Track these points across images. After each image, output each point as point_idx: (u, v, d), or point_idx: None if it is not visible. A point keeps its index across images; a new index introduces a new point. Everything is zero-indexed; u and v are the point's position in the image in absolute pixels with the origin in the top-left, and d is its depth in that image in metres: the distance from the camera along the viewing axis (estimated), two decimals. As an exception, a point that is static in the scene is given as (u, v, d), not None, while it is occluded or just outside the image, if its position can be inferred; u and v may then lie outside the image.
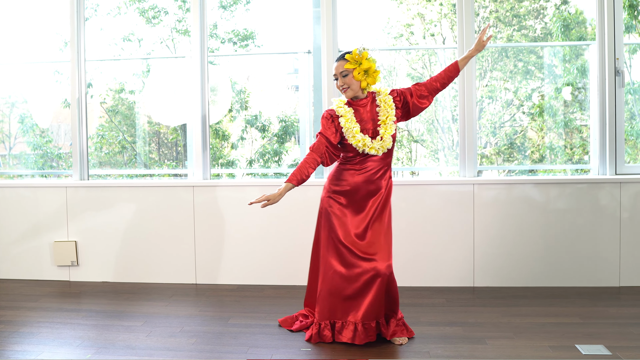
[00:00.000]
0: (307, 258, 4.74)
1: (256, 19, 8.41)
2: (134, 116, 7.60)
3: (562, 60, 7.11)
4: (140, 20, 8.27)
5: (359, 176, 3.99)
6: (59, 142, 7.44)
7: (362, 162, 3.99)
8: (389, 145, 3.93)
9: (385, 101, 3.98)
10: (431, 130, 8.90)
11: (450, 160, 8.18)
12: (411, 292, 5.22)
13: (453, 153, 8.68)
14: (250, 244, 5.60)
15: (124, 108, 7.75)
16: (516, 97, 7.84)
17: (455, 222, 5.39)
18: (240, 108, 8.06)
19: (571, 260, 5.30)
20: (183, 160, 7.81)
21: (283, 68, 8.11)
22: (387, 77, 8.24)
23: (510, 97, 7.76)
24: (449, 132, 8.79)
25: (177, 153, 8.13)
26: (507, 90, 7.74)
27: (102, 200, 5.80)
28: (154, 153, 7.92)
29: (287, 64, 8.24)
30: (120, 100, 7.82)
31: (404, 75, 8.36)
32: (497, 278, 5.37)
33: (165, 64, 7.13)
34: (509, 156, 7.69)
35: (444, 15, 9.84)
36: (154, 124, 7.57)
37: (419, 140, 8.26)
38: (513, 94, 7.91)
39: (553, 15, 7.79)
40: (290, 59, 8.47)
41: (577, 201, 5.29)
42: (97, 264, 5.83)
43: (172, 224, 5.71)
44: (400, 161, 8.03)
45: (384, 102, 3.98)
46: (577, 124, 7.00)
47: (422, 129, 8.70)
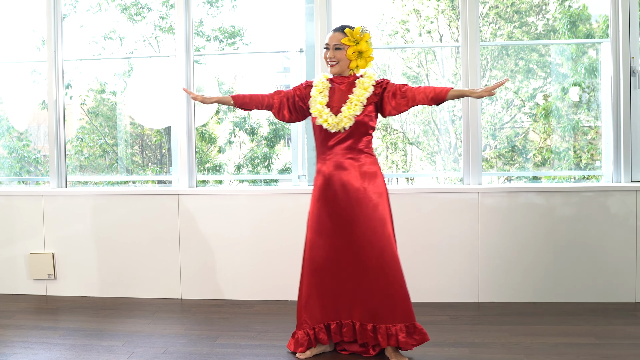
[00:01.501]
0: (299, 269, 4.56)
1: (244, 15, 8.22)
2: (116, 118, 7.41)
3: (569, 59, 6.94)
4: (122, 18, 8.09)
5: (327, 161, 3.86)
6: (38, 144, 7.25)
7: (325, 142, 3.86)
8: (344, 125, 3.75)
9: (362, 84, 3.82)
10: (427, 132, 8.74)
11: (448, 164, 8.00)
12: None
13: (451, 156, 8.53)
14: (239, 255, 5.38)
15: (105, 109, 7.56)
16: (517, 97, 7.68)
17: (459, 233, 5.18)
18: (228, 110, 7.89)
19: (583, 275, 5.09)
20: (167, 165, 7.61)
21: (273, 67, 7.93)
22: (382, 76, 8.07)
23: (510, 97, 7.60)
24: (446, 134, 8.64)
25: (161, 156, 7.93)
26: (508, 90, 7.58)
27: (81, 209, 5.57)
28: (137, 156, 7.72)
29: (277, 63, 8.07)
30: (101, 101, 7.62)
31: (399, 75, 8.19)
32: (504, 293, 5.16)
33: (149, 63, 6.93)
34: (509, 159, 7.54)
35: (441, 11, 9.68)
36: (136, 126, 7.38)
37: (415, 142, 8.08)
38: (514, 94, 7.76)
39: (557, 12, 7.65)
40: (280, 57, 8.30)
41: (590, 210, 5.08)
42: (76, 277, 5.60)
43: (156, 235, 5.48)
44: (395, 164, 7.86)
45: (361, 84, 3.81)
46: (585, 127, 6.84)
47: (418, 130, 8.54)
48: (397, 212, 5.14)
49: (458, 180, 5.73)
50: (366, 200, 3.76)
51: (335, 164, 3.81)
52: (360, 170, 3.80)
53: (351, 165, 3.80)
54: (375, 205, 3.76)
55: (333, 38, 3.80)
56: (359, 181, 3.78)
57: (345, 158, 3.81)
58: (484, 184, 5.33)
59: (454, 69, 8.83)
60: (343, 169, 3.80)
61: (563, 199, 5.11)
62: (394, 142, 7.78)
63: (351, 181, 3.78)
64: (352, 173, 3.79)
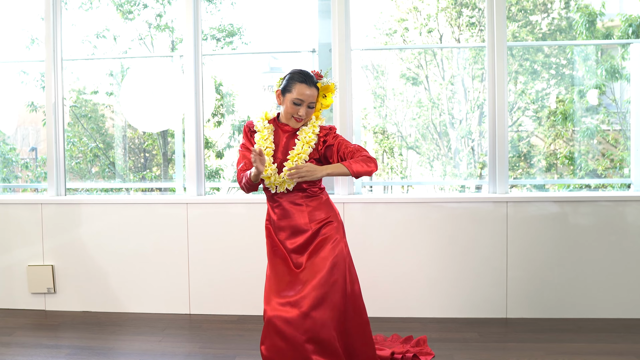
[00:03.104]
0: None
1: (244, 13, 8.08)
2: (109, 121, 7.26)
3: (586, 60, 6.84)
4: (116, 16, 7.94)
5: (276, 209, 3.59)
6: (25, 148, 7.11)
7: (271, 192, 3.58)
8: (288, 186, 3.49)
9: (306, 135, 3.52)
10: (426, 135, 8.62)
11: (448, 170, 7.89)
12: (437, 324, 4.88)
13: (451, 162, 8.41)
14: (252, 267, 5.20)
15: (95, 112, 7.41)
16: (525, 99, 7.58)
17: (485, 245, 5.05)
18: (226, 112, 7.74)
19: (617, 289, 4.98)
20: (163, 171, 7.46)
21: (259, 67, 7.80)
22: (379, 78, 7.95)
23: (512, 98, 7.50)
24: (445, 137, 8.52)
25: (146, 161, 7.77)
26: (512, 93, 7.49)
27: (82, 218, 5.40)
28: (130, 162, 7.57)
29: (263, 63, 7.94)
30: (93, 103, 7.47)
31: (398, 76, 8.07)
32: (533, 309, 5.03)
33: (145, 64, 6.77)
34: (514, 165, 7.45)
35: (441, 9, 9.57)
36: (127, 129, 7.23)
37: (413, 147, 7.97)
38: (518, 95, 7.66)
39: (574, 11, 7.55)
40: (267, 57, 8.15)
41: (626, 221, 4.96)
42: (77, 291, 5.42)
43: (162, 246, 5.32)
44: (393, 170, 7.73)
45: (304, 136, 3.51)
46: (605, 131, 6.75)
47: (416, 134, 8.42)
48: (418, 223, 5.03)
49: (466, 188, 5.59)
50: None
51: (280, 214, 3.58)
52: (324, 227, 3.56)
53: (305, 213, 3.55)
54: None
55: (311, 95, 3.47)
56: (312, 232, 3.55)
57: (295, 206, 3.56)
58: (515, 193, 5.20)
59: (455, 70, 8.72)
60: (289, 218, 3.57)
61: (600, 209, 4.98)
62: (390, 147, 7.64)
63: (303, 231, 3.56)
64: (302, 220, 3.55)
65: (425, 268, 5.06)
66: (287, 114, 3.51)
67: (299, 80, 3.47)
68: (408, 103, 8.14)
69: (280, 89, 3.54)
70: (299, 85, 3.46)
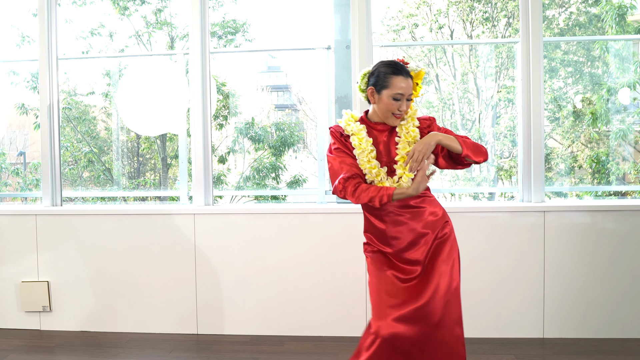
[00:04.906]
0: (337, 300, 4.54)
1: (250, 8, 7.89)
2: (100, 124, 7.04)
3: (616, 56, 6.61)
4: (112, 12, 7.75)
5: (385, 217, 3.26)
6: (13, 152, 6.89)
7: None
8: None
9: (408, 131, 3.20)
10: (436, 137, 8.39)
11: (460, 174, 7.64)
12: (470, 344, 4.57)
13: None
14: (265, 284, 4.96)
15: (86, 114, 7.20)
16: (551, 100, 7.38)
17: (520, 259, 4.77)
18: (229, 114, 7.53)
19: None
20: (162, 177, 7.26)
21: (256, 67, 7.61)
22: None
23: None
24: None
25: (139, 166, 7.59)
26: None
27: (80, 231, 5.14)
28: (126, 168, 7.36)
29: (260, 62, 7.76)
30: (84, 105, 7.26)
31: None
32: (573, 328, 4.76)
33: (143, 63, 6.49)
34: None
35: (452, 3, 9.34)
36: (125, 134, 7.01)
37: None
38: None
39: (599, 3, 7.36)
40: (265, 56, 7.96)
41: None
42: (75, 309, 5.15)
43: (167, 261, 5.06)
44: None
45: (407, 132, 3.20)
46: (637, 131, 6.53)
47: None
48: None
49: (480, 194, 5.33)
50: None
51: (392, 221, 3.27)
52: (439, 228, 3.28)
53: (415, 217, 3.25)
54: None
55: (408, 87, 3.14)
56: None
57: (405, 211, 3.25)
58: (554, 202, 4.92)
59: (467, 68, 8.50)
60: (401, 224, 3.26)
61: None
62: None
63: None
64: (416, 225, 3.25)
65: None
66: (386, 111, 3.18)
67: (394, 73, 3.15)
68: (417, 103, 7.90)
69: (373, 85, 3.21)
70: (395, 79, 3.14)
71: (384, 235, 3.23)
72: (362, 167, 3.15)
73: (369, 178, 3.14)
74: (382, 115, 3.21)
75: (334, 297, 4.85)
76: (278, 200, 6.95)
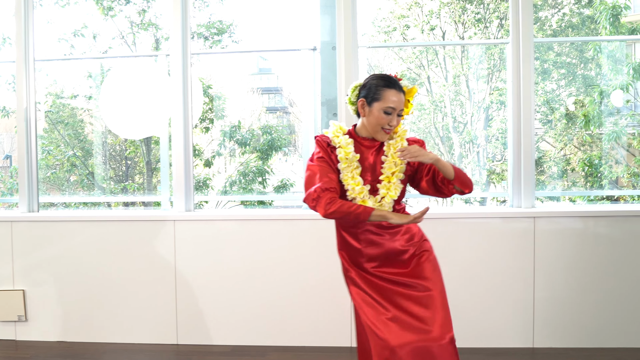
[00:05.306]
0: (322, 310, 4.48)
1: (236, 9, 7.82)
2: (83, 127, 6.94)
3: (609, 58, 6.54)
4: (95, 12, 7.66)
5: (361, 236, 3.16)
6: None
7: None
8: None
9: (396, 150, 3.10)
10: (427, 140, 8.32)
11: None
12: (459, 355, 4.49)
13: None
14: (248, 293, 4.85)
15: (74, 117, 7.10)
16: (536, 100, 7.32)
17: (509, 266, 4.68)
18: (215, 117, 7.45)
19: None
20: (147, 181, 7.17)
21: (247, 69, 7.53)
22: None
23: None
24: (448, 142, 8.22)
25: (127, 169, 7.51)
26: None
27: (57, 238, 5.03)
28: (110, 171, 7.26)
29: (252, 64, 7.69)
30: (71, 108, 7.16)
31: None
32: (563, 338, 4.66)
33: (127, 64, 6.41)
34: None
35: (444, 4, 9.27)
36: (112, 137, 6.91)
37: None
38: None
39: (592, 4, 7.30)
40: (255, 58, 7.89)
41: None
42: (52, 318, 5.04)
43: (147, 268, 4.95)
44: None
45: (394, 150, 3.12)
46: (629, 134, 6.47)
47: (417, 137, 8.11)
48: (433, 242, 4.64)
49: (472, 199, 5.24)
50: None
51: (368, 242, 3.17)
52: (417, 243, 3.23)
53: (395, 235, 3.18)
54: None
55: (400, 102, 3.06)
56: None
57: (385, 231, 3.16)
58: (545, 208, 4.82)
59: (459, 70, 8.42)
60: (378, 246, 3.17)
61: (638, 225, 4.62)
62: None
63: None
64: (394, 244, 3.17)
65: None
66: (376, 125, 3.08)
67: (386, 86, 3.06)
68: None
69: (364, 97, 3.11)
70: (387, 92, 3.04)
71: (359, 254, 3.14)
72: (344, 182, 3.05)
73: (350, 195, 3.04)
74: (371, 130, 3.12)
75: (318, 307, 4.74)
76: (265, 205, 6.86)
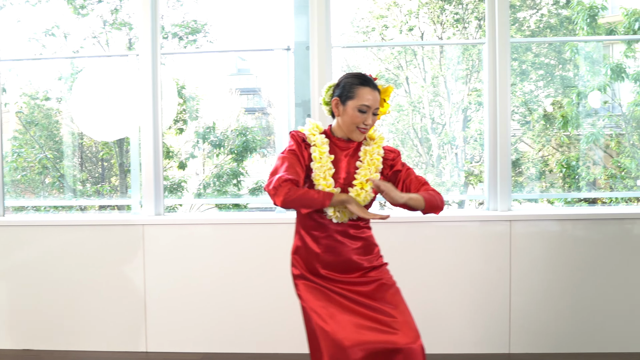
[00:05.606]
0: (295, 317, 3.95)
1: (211, 8, 7.75)
2: (58, 129, 6.82)
3: (586, 59, 6.52)
4: (67, 11, 7.56)
5: (322, 240, 3.07)
6: None
7: (319, 220, 3.05)
8: (352, 216, 3.00)
9: (372, 156, 3.06)
10: (406, 141, 8.28)
11: (430, 179, 7.51)
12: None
13: (434, 170, 8.07)
14: (219, 299, 4.78)
15: (45, 119, 6.98)
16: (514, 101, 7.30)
17: (485, 270, 4.63)
18: (189, 118, 7.36)
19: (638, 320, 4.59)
20: (121, 184, 7.07)
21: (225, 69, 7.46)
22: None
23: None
24: (426, 143, 8.18)
25: (104, 171, 7.40)
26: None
27: (21, 243, 4.95)
28: (84, 174, 7.15)
29: (230, 65, 7.62)
30: (40, 109, 7.05)
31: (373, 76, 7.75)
32: (540, 343, 4.61)
33: (99, 64, 6.29)
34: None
35: (423, 4, 9.24)
36: (79, 137, 6.80)
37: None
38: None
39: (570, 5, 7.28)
40: (234, 58, 7.83)
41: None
42: (16, 326, 4.96)
43: (115, 274, 4.86)
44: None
45: (370, 157, 3.06)
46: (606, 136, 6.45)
47: (395, 140, 8.10)
48: (408, 246, 4.66)
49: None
50: None
51: (326, 247, 3.08)
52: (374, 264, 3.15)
53: (355, 251, 3.09)
54: None
55: (375, 100, 3.00)
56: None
57: (343, 240, 3.07)
58: (522, 211, 4.76)
59: (437, 71, 8.38)
60: (338, 254, 3.08)
61: (614, 227, 4.58)
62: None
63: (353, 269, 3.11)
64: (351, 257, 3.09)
65: (414, 296, 4.56)
66: (351, 124, 3.01)
67: (360, 84, 3.00)
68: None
69: (338, 96, 3.05)
70: (361, 89, 2.99)
71: (316, 259, 3.05)
72: (315, 182, 2.98)
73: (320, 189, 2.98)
74: (346, 129, 3.05)
75: (293, 314, 4.62)
76: (240, 208, 6.77)
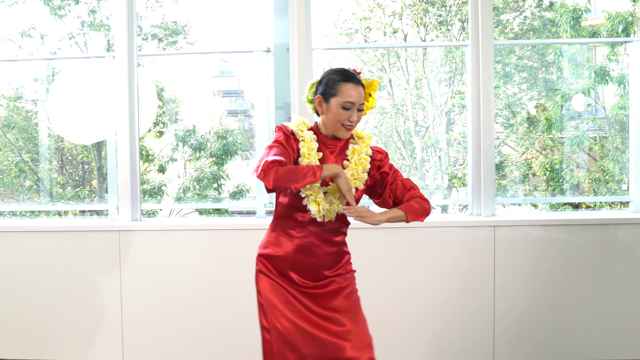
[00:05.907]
0: None
1: (191, 9, 7.69)
2: (35, 131, 6.72)
3: (570, 61, 6.49)
4: (44, 12, 7.47)
5: (296, 239, 3.02)
6: None
7: (300, 219, 3.01)
8: (339, 210, 2.96)
9: (359, 156, 3.02)
10: (389, 144, 8.23)
11: (414, 182, 7.51)
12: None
13: (418, 173, 8.02)
14: (199, 308, 4.66)
15: (21, 120, 6.87)
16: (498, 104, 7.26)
17: (468, 278, 4.55)
18: (169, 121, 7.27)
19: (628, 327, 4.54)
20: (99, 188, 6.97)
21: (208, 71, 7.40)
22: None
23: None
24: (409, 146, 8.13)
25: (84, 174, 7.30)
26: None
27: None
28: (61, 178, 7.05)
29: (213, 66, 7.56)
30: (16, 110, 6.95)
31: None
32: (526, 353, 4.54)
33: (77, 66, 6.21)
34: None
35: (407, 5, 9.20)
36: (57, 140, 6.70)
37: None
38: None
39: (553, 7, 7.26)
40: (217, 60, 7.77)
41: (637, 249, 4.54)
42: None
43: (90, 282, 4.73)
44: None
45: (358, 156, 3.02)
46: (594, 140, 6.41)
47: (378, 142, 8.04)
48: (386, 252, 4.58)
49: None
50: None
51: (301, 247, 3.04)
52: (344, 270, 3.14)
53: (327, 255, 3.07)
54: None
55: (359, 96, 2.95)
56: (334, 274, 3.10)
57: (320, 241, 3.04)
58: (506, 216, 4.68)
59: (421, 73, 8.34)
60: (311, 255, 3.05)
61: (601, 233, 4.54)
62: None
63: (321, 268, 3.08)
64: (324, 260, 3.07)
65: (395, 305, 4.56)
66: (335, 122, 2.96)
67: (343, 80, 2.94)
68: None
69: (321, 94, 2.99)
70: (344, 86, 2.93)
71: (286, 259, 3.01)
72: None
73: (304, 192, 2.91)
74: (331, 127, 3.00)
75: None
76: (221, 213, 6.67)
